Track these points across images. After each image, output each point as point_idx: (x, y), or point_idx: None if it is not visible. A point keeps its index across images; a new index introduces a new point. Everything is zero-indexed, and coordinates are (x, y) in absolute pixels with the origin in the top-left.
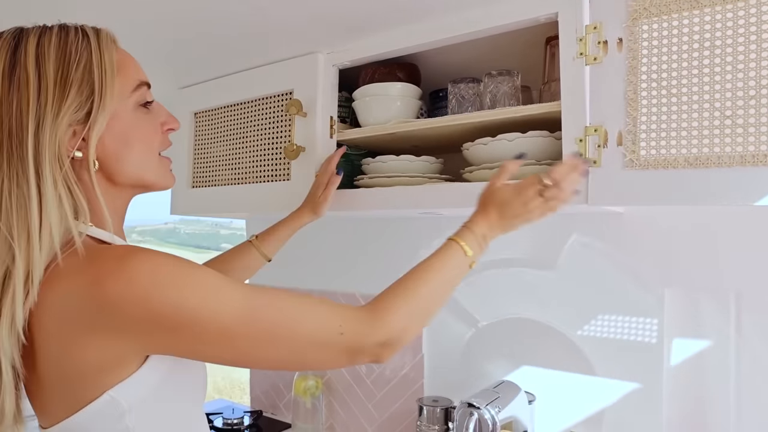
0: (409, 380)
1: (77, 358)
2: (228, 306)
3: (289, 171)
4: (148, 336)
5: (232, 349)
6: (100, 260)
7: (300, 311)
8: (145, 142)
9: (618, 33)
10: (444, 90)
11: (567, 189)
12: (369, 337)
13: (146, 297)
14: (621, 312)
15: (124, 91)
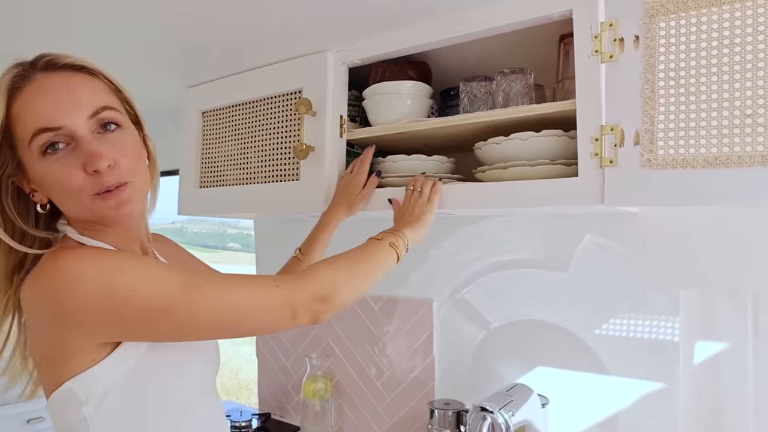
0: (419, 382)
1: (43, 350)
2: (166, 281)
3: (299, 171)
4: (83, 325)
5: (175, 321)
6: (48, 263)
7: (236, 277)
8: (62, 188)
9: (634, 30)
10: (455, 88)
11: (425, 190)
12: (303, 289)
13: (69, 286)
14: (636, 313)
15: (23, 141)
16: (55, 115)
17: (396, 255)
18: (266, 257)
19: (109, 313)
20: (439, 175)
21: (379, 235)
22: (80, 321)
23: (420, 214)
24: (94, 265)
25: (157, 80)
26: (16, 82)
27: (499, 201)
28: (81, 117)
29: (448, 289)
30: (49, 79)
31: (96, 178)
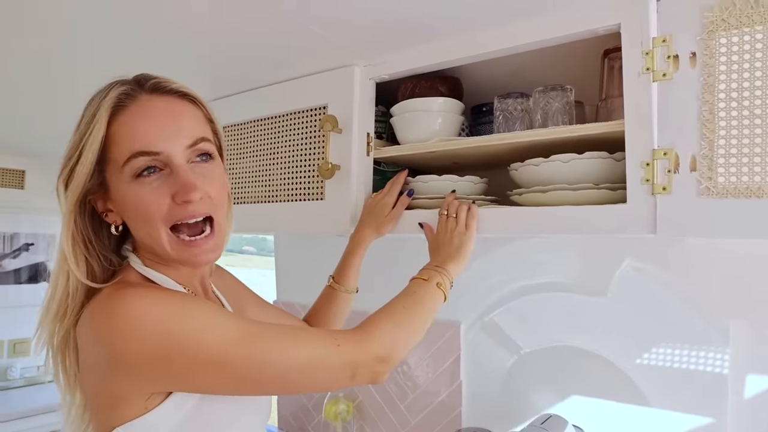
0: (446, 407)
1: (93, 390)
2: (223, 332)
3: (323, 190)
4: (137, 373)
5: (230, 375)
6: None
7: (296, 332)
8: (142, 214)
9: (691, 46)
10: (487, 104)
11: (461, 216)
12: (364, 350)
13: (126, 332)
14: (681, 343)
15: (117, 162)
16: (155, 139)
17: (444, 296)
18: (287, 265)
19: (165, 362)
20: (472, 197)
21: (424, 274)
22: (135, 368)
23: (459, 246)
24: (155, 310)
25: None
26: (122, 100)
27: (540, 228)
28: (180, 145)
29: (477, 312)
30: (154, 102)
31: (183, 207)
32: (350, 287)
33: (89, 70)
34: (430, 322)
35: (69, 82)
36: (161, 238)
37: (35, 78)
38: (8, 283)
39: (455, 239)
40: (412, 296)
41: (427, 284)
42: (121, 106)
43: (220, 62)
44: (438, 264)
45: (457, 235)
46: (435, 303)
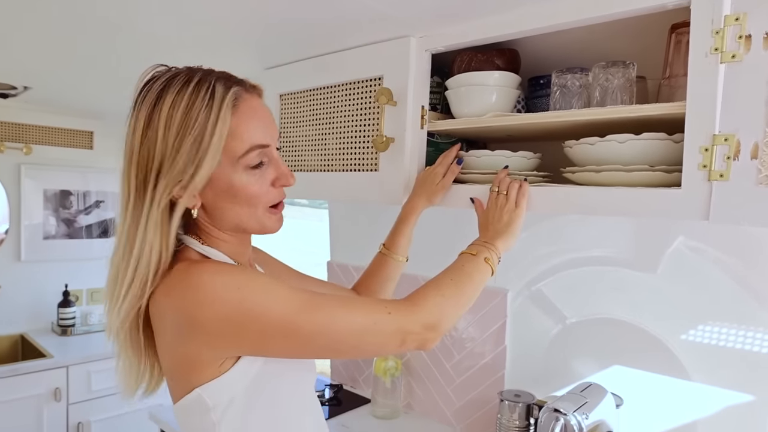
0: (490, 369)
1: (172, 357)
2: (286, 302)
3: (378, 161)
4: (217, 339)
5: (295, 341)
6: (174, 272)
7: (351, 300)
8: (249, 199)
9: (766, 26)
10: (545, 76)
11: (512, 193)
12: (413, 318)
13: (211, 304)
14: (728, 322)
15: (233, 156)
16: (264, 135)
17: (491, 270)
18: (340, 229)
19: (237, 329)
20: (524, 173)
21: (473, 249)
22: (211, 335)
23: (509, 223)
24: (227, 283)
25: (235, 61)
26: (237, 100)
27: (591, 208)
28: (275, 138)
29: (525, 281)
30: (254, 101)
31: (279, 192)
32: (401, 254)
33: (149, 40)
34: (477, 295)
35: (131, 51)
36: (258, 216)
37: (101, 48)
38: (82, 237)
39: (504, 216)
40: (460, 270)
41: (476, 259)
42: (236, 106)
43: (274, 32)
44: (487, 240)
45: (507, 212)
46: (482, 277)
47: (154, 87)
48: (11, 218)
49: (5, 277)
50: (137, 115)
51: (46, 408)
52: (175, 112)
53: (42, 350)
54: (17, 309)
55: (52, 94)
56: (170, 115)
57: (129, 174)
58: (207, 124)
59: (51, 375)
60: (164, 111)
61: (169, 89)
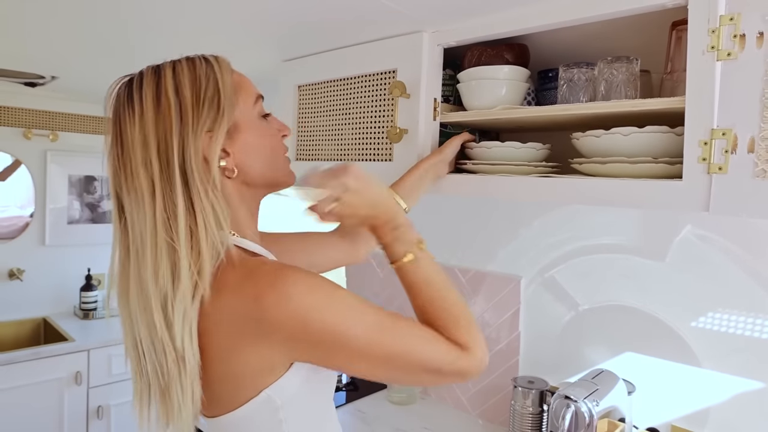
0: (504, 355)
1: (239, 361)
2: (366, 326)
3: (392, 152)
4: (296, 346)
5: (357, 364)
6: (258, 277)
7: (425, 337)
8: (272, 146)
9: (759, 26)
10: (554, 70)
11: None
12: (473, 366)
13: (299, 314)
14: (737, 309)
15: (247, 105)
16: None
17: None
18: None
19: (315, 340)
20: (533, 163)
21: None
22: (289, 340)
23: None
24: (321, 294)
25: (255, 53)
26: (228, 62)
27: (596, 198)
28: None
29: (537, 268)
30: None
31: (283, 142)
32: (402, 194)
33: (173, 33)
34: None
35: (156, 43)
36: (281, 164)
37: (127, 40)
38: (105, 222)
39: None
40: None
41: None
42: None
43: (293, 29)
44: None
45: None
46: None
47: (146, 74)
48: (37, 203)
49: (30, 261)
50: (139, 102)
51: (66, 391)
52: (182, 79)
53: (64, 334)
54: (40, 292)
55: (79, 82)
56: (179, 82)
57: (147, 159)
58: (217, 78)
59: (72, 359)
60: (169, 82)
61: (163, 69)
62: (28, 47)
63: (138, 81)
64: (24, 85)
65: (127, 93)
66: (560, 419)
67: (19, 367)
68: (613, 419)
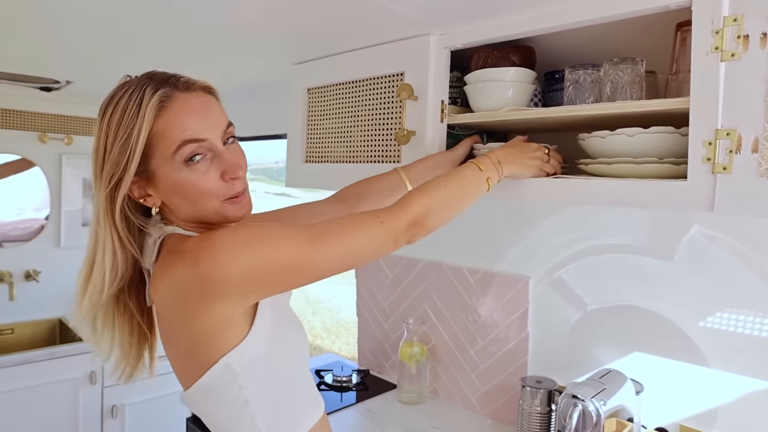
0: (513, 355)
1: (194, 329)
2: (295, 242)
3: (400, 154)
4: (245, 290)
5: (309, 271)
6: (190, 245)
7: (350, 223)
8: (196, 194)
9: (762, 27)
10: (560, 71)
11: (553, 160)
12: (400, 221)
13: (233, 258)
14: (746, 309)
15: (166, 154)
16: (199, 129)
17: (488, 188)
18: None
19: (260, 276)
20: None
21: (482, 163)
22: (239, 289)
23: (529, 167)
24: (238, 240)
25: (266, 57)
26: (164, 101)
27: (603, 199)
28: (218, 132)
29: (546, 268)
30: (189, 99)
31: (230, 185)
32: (410, 176)
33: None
34: (467, 205)
35: (168, 48)
36: (216, 208)
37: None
38: None
39: (534, 161)
40: (461, 180)
41: (480, 174)
42: (163, 107)
43: (303, 33)
44: (500, 159)
45: (536, 156)
46: (479, 193)
47: (105, 99)
48: (52, 205)
49: (45, 263)
50: (97, 122)
51: (81, 391)
52: (112, 121)
53: (79, 334)
54: (56, 293)
55: (93, 87)
56: (109, 124)
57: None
58: (132, 129)
59: (87, 358)
60: (106, 119)
61: (111, 101)
62: (43, 53)
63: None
64: (39, 89)
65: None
66: (567, 418)
67: (36, 367)
68: (621, 419)
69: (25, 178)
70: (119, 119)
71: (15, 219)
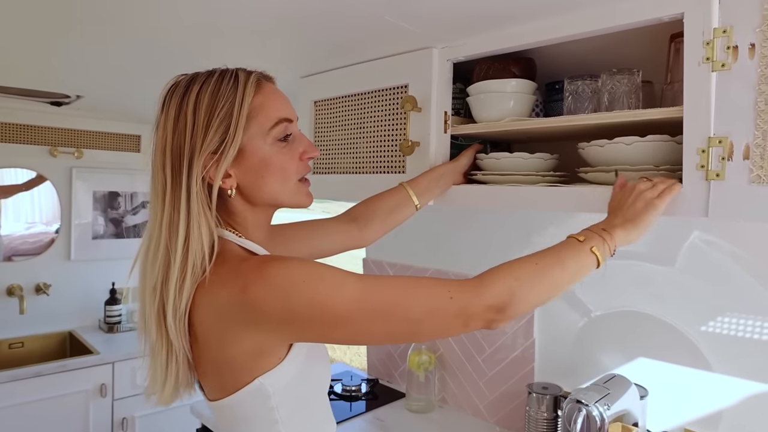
0: (520, 362)
1: (231, 349)
2: (349, 291)
3: (405, 164)
4: (286, 327)
5: (356, 328)
6: (245, 269)
7: (410, 285)
8: (281, 171)
9: (750, 38)
10: (560, 82)
11: (659, 184)
12: (477, 301)
13: (283, 295)
14: (746, 313)
15: (262, 129)
16: (290, 111)
17: (596, 261)
18: None
19: (305, 318)
20: (541, 173)
21: (582, 235)
22: (280, 324)
23: (641, 211)
24: (295, 276)
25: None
26: (260, 81)
27: (601, 207)
28: (296, 118)
29: None
30: (275, 87)
31: (305, 165)
32: (415, 192)
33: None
34: (569, 283)
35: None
36: (290, 188)
37: (148, 61)
38: (129, 237)
39: (639, 203)
40: (554, 254)
41: (579, 246)
42: (260, 85)
43: (309, 47)
44: (605, 227)
45: (644, 200)
46: (581, 266)
47: (181, 84)
48: (62, 219)
49: (56, 276)
50: (167, 111)
51: (92, 403)
52: (203, 97)
53: (89, 347)
54: (66, 307)
55: (103, 101)
56: (199, 101)
57: (164, 164)
58: (234, 101)
59: (97, 371)
60: (192, 99)
61: (194, 83)
62: (54, 68)
63: (172, 91)
64: (50, 104)
65: (164, 99)
66: (572, 423)
67: (47, 380)
68: (626, 423)
69: (35, 192)
70: (214, 92)
71: (25, 233)
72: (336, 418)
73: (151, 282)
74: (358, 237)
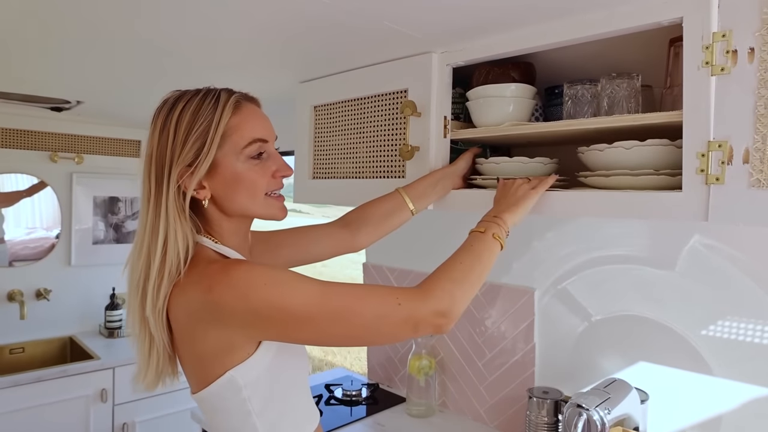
0: (520, 367)
1: (202, 345)
2: (306, 295)
3: (404, 169)
4: (250, 326)
5: (314, 329)
6: (212, 272)
7: (363, 292)
8: (251, 186)
9: (749, 42)
10: (560, 87)
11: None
12: (424, 306)
13: (244, 296)
14: (746, 317)
15: (236, 147)
16: (266, 132)
17: (500, 245)
18: None
19: (265, 318)
20: (540, 177)
21: (481, 226)
22: (244, 323)
23: (522, 198)
24: (257, 279)
25: (273, 76)
26: (239, 102)
27: (601, 210)
28: (273, 139)
29: (551, 280)
30: (255, 108)
31: (277, 182)
32: (411, 197)
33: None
34: (487, 272)
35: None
36: (260, 202)
37: (148, 67)
38: (129, 242)
39: (519, 191)
40: (470, 250)
41: (484, 236)
42: (239, 106)
43: (309, 53)
44: (495, 214)
45: (521, 188)
46: (491, 254)
47: (168, 101)
48: (63, 225)
49: (56, 281)
50: (155, 124)
51: (93, 408)
52: (185, 114)
53: (90, 352)
54: (67, 312)
55: (103, 107)
56: (181, 117)
57: (149, 172)
58: (212, 120)
59: (98, 376)
60: (176, 114)
61: (180, 100)
62: (54, 74)
63: (162, 105)
64: (50, 109)
65: (156, 112)
66: (573, 428)
67: (47, 385)
68: (627, 427)
69: (36, 197)
70: (196, 110)
71: (26, 238)
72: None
73: (134, 279)
74: (349, 242)
